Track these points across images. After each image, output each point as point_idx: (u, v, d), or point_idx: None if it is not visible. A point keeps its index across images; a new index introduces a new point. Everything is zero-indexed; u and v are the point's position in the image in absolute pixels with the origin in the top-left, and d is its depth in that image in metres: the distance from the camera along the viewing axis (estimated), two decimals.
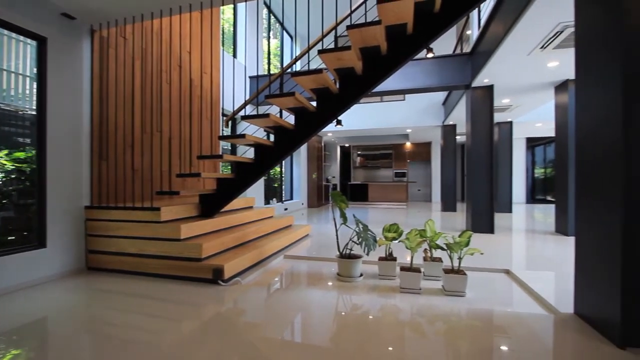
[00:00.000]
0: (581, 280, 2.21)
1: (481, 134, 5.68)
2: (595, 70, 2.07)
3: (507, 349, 1.91)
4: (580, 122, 2.24)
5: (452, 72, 5.80)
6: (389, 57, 2.76)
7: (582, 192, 2.21)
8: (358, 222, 3.13)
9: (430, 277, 3.05)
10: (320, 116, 3.03)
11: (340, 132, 11.16)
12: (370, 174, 14.18)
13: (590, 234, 2.11)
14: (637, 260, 1.81)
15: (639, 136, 1.81)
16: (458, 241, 2.71)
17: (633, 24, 1.81)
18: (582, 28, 2.21)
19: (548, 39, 3.87)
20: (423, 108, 9.64)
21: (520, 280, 2.99)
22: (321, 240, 5.15)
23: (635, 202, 1.81)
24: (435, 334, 2.08)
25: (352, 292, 2.82)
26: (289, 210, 9.54)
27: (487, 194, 5.61)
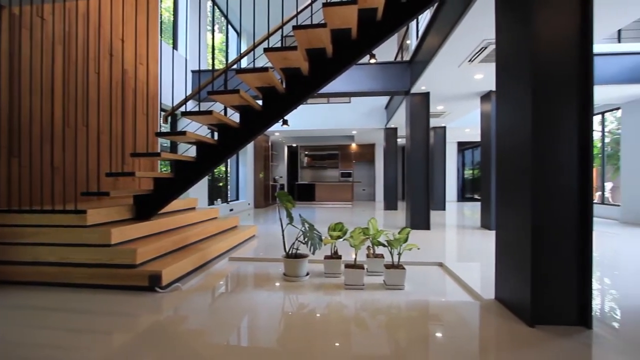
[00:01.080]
0: (500, 269, 2.50)
1: (419, 137, 6.11)
2: (511, 84, 2.35)
3: (441, 335, 2.09)
4: (499, 129, 2.53)
5: (393, 78, 6.15)
6: (334, 60, 2.83)
7: (501, 192, 2.50)
8: (304, 222, 3.16)
9: (373, 273, 3.20)
10: (266, 115, 3.00)
11: (287, 132, 11.14)
12: (317, 174, 14.38)
13: (507, 228, 2.40)
14: (542, 250, 2.10)
15: (544, 144, 2.10)
16: (398, 238, 2.88)
17: (541, 47, 2.10)
18: (501, 46, 2.50)
19: (475, 54, 4.31)
20: (367, 111, 10.05)
21: (452, 272, 3.28)
22: (268, 241, 5.09)
23: (541, 201, 2.10)
24: (377, 327, 2.19)
25: (298, 291, 2.83)
26: (235, 210, 9.26)
27: (424, 193, 6.05)
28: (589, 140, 2.07)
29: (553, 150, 2.10)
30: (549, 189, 2.10)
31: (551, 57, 2.10)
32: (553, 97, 2.10)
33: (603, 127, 8.06)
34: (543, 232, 2.10)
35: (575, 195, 2.10)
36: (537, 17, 2.10)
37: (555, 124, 2.10)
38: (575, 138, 2.09)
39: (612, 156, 7.94)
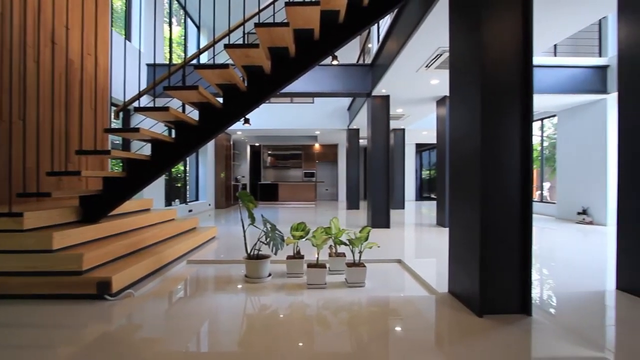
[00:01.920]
0: (453, 265, 2.66)
1: (379, 138, 6.30)
2: (463, 91, 2.51)
3: (400, 329, 2.17)
4: (452, 132, 2.69)
5: (355, 80, 6.28)
6: (297, 60, 2.84)
7: (453, 191, 2.66)
8: (266, 222, 3.12)
9: (335, 272, 3.24)
10: (227, 113, 2.92)
11: (250, 131, 10.94)
12: (280, 173, 14.27)
13: (459, 225, 2.55)
14: (489, 245, 2.26)
15: (491, 146, 2.27)
16: (359, 236, 2.96)
17: (488, 57, 2.27)
18: (454, 54, 2.66)
19: (431, 60, 4.53)
20: (330, 111, 10.17)
21: (409, 268, 3.42)
22: (229, 242, 4.96)
23: (488, 199, 2.26)
24: (339, 324, 2.23)
25: (260, 292, 2.80)
26: (194, 211, 8.91)
27: (384, 193, 6.25)
28: (530, 144, 2.27)
29: (499, 153, 2.28)
30: (495, 188, 2.28)
31: (497, 67, 2.27)
32: (499, 104, 2.28)
33: (542, 132, 8.88)
34: (490, 228, 2.27)
35: (518, 194, 2.29)
36: (485, 30, 2.26)
37: (501, 128, 2.28)
38: (517, 141, 2.28)
39: (550, 159, 8.77)
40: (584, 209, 6.86)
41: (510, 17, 2.28)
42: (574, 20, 3.54)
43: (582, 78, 6.26)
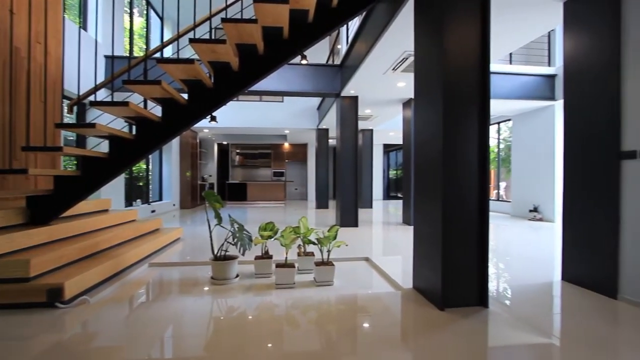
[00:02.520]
0: (417, 261, 2.76)
1: (348, 138, 6.39)
2: (427, 94, 2.61)
3: (367, 325, 2.22)
4: (416, 133, 2.79)
5: (324, 80, 6.32)
6: (266, 58, 2.80)
7: (418, 190, 2.76)
8: (233, 222, 3.06)
9: (303, 271, 3.25)
10: (192, 110, 2.82)
11: (217, 129, 10.65)
12: (249, 173, 14.03)
13: (423, 223, 2.66)
14: (450, 242, 2.38)
15: (452, 148, 2.39)
16: (327, 235, 2.98)
17: (450, 63, 2.38)
18: (418, 59, 2.75)
19: (397, 63, 4.67)
20: (300, 111, 10.15)
21: (377, 266, 3.51)
22: (195, 243, 4.80)
23: (449, 198, 2.38)
24: (308, 323, 2.23)
25: (227, 294, 2.74)
26: (158, 212, 8.52)
27: (353, 192, 6.35)
28: (487, 146, 2.42)
29: (459, 154, 2.40)
30: (455, 188, 2.39)
31: (458, 72, 2.39)
32: (460, 108, 2.40)
33: (499, 135, 9.46)
34: (451, 225, 2.38)
35: (476, 193, 2.42)
36: (446, 37, 2.37)
37: (461, 131, 2.40)
38: (476, 144, 2.42)
39: (506, 160, 9.37)
40: (535, 206, 7.39)
41: (470, 25, 2.40)
42: (526, 32, 3.80)
43: (533, 85, 6.74)
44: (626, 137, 2.52)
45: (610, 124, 2.62)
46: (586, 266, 2.81)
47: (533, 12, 3.32)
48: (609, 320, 2.26)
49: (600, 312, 2.38)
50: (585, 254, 2.82)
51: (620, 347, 1.94)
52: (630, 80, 2.50)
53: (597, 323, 2.21)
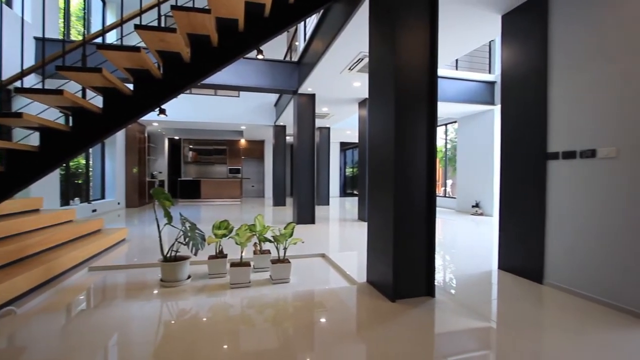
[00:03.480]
0: (371, 256, 2.86)
1: (305, 136, 6.41)
2: (380, 95, 2.71)
3: (324, 319, 2.25)
4: (370, 133, 2.88)
5: (282, 76, 6.26)
6: (220, 50, 2.70)
7: (371, 187, 2.86)
8: (185, 221, 2.93)
9: (259, 269, 3.21)
10: (138, 102, 2.63)
11: (168, 123, 10.06)
12: (203, 169, 13.45)
13: (376, 220, 2.76)
14: (401, 236, 2.50)
15: (403, 147, 2.51)
16: (283, 233, 2.97)
17: (401, 66, 2.49)
18: (372, 60, 2.84)
19: (353, 63, 4.77)
20: (256, 107, 9.95)
21: (332, 262, 3.57)
22: (143, 244, 4.51)
23: (400, 195, 2.49)
24: (264, 321, 2.21)
25: (179, 296, 2.61)
26: (100, 211, 7.85)
27: (310, 189, 6.39)
28: (434, 146, 2.57)
29: (409, 153, 2.53)
30: (405, 185, 2.52)
31: (409, 75, 2.51)
32: (410, 109, 2.52)
33: (446, 136, 10.11)
34: (402, 221, 2.50)
35: (424, 190, 2.57)
36: (398, 43, 2.48)
37: (411, 131, 2.53)
38: (424, 143, 2.56)
39: (452, 159, 10.04)
40: (476, 202, 8.02)
41: (420, 32, 2.53)
42: (470, 41, 4.09)
43: (476, 90, 7.29)
44: (551, 140, 2.83)
45: (538, 128, 2.92)
46: (518, 256, 3.12)
47: (476, 23, 3.58)
48: (536, 303, 2.54)
49: (529, 296, 2.66)
50: (518, 245, 3.12)
51: (545, 325, 2.19)
52: (554, 89, 2.81)
53: (527, 306, 2.47)
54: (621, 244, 2.31)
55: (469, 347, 1.89)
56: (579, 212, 2.59)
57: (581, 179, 2.58)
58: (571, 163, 2.65)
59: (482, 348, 1.91)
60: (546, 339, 1.99)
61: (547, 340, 1.97)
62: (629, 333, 2.02)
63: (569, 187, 2.68)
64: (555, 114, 2.79)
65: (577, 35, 2.62)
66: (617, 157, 2.34)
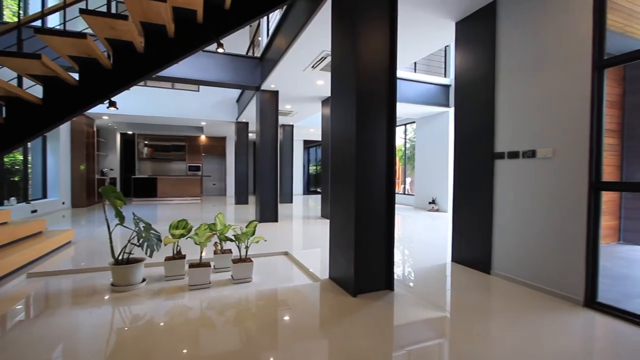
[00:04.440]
0: (333, 252, 2.90)
1: (268, 133, 6.33)
2: (342, 95, 2.75)
3: (287, 317, 2.25)
4: (332, 131, 2.92)
5: (244, 72, 6.12)
6: (177, 42, 2.58)
7: (334, 185, 2.90)
8: (138, 221, 2.77)
9: (220, 270, 3.12)
10: (85, 93, 2.44)
11: (120, 117, 9.41)
12: (160, 167, 12.77)
13: (338, 217, 2.81)
14: (362, 233, 2.56)
15: (363, 146, 2.57)
16: (245, 231, 2.92)
17: (362, 67, 2.54)
18: (335, 60, 2.87)
19: (316, 61, 4.79)
20: (217, 102, 9.63)
21: (296, 259, 3.58)
22: (91, 247, 4.19)
23: (361, 192, 2.56)
24: (226, 323, 2.16)
25: (132, 301, 2.47)
26: (41, 212, 7.15)
27: (273, 187, 6.33)
28: (393, 145, 2.66)
29: (370, 151, 2.59)
30: (366, 183, 2.59)
31: (370, 76, 2.58)
32: (370, 109, 2.59)
33: (405, 136, 10.51)
34: (362, 218, 2.57)
35: (384, 188, 2.66)
36: (360, 44, 2.53)
37: (372, 130, 2.60)
38: (384, 143, 2.64)
39: (411, 158, 10.47)
40: (433, 199, 8.45)
41: (380, 33, 2.61)
42: (427, 45, 4.28)
43: (433, 93, 7.66)
44: (498, 141, 3.05)
45: (487, 130, 3.13)
46: (469, 249, 3.34)
47: (432, 29, 3.75)
48: (485, 292, 2.74)
49: (478, 286, 2.86)
50: (468, 239, 3.34)
51: (492, 312, 2.37)
52: (500, 94, 3.03)
53: (476, 295, 2.65)
54: (555, 235, 2.56)
55: (426, 336, 2.00)
56: (521, 207, 2.83)
57: (523, 176, 2.82)
58: (515, 162, 2.89)
59: (438, 337, 2.02)
60: (493, 323, 2.16)
61: (494, 325, 2.14)
62: (562, 315, 2.25)
63: (513, 184, 2.91)
64: (502, 117, 3.02)
65: (519, 44, 2.84)
66: (553, 156, 2.58)
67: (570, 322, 2.16)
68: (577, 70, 2.41)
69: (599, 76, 2.31)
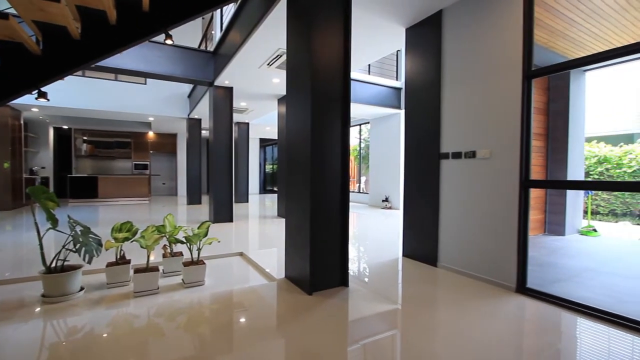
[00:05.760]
0: (289, 251, 2.90)
1: (222, 130, 6.13)
2: (297, 94, 2.75)
3: (243, 318, 2.20)
4: (288, 129, 2.91)
5: (196, 66, 5.85)
6: (120, 30, 2.39)
7: (289, 184, 2.89)
8: (74, 225, 2.52)
9: (170, 274, 2.97)
10: (8, 82, 2.17)
11: (54, 110, 8.49)
12: (102, 165, 11.74)
13: (294, 216, 2.81)
14: (317, 231, 2.59)
15: (319, 145, 2.60)
16: (197, 232, 2.80)
17: (317, 67, 2.56)
18: (290, 58, 2.87)
19: (272, 59, 4.73)
20: (167, 97, 9.11)
21: (251, 260, 3.51)
22: (18, 255, 3.73)
23: (316, 190, 2.59)
24: (177, 329, 2.06)
25: (67, 313, 2.25)
26: None
27: (228, 186, 6.15)
28: (347, 145, 2.72)
29: (325, 151, 2.63)
30: (321, 181, 2.62)
31: (324, 76, 2.61)
32: (325, 109, 2.62)
33: (360, 136, 10.81)
34: (317, 215, 2.60)
35: (339, 186, 2.71)
36: (314, 42, 2.55)
37: (327, 130, 2.64)
38: (339, 141, 2.70)
39: (365, 157, 10.80)
40: (386, 197, 8.80)
41: (334, 34, 2.65)
42: (379, 48, 4.44)
43: (386, 95, 7.97)
44: (443, 142, 3.27)
45: (434, 132, 3.34)
46: (418, 244, 3.53)
47: (384, 33, 3.90)
48: (432, 284, 2.92)
49: (427, 278, 3.04)
50: (417, 234, 3.53)
51: (439, 301, 2.53)
52: (445, 98, 3.24)
53: (425, 287, 2.82)
54: (492, 229, 2.81)
55: (380, 329, 2.08)
56: (463, 203, 3.06)
57: (465, 175, 3.05)
58: (458, 162, 3.11)
59: (391, 328, 2.11)
60: (439, 312, 2.31)
61: (440, 314, 2.29)
62: (499, 301, 2.48)
63: (456, 183, 3.13)
64: (447, 120, 3.23)
65: (461, 53, 3.07)
66: (490, 157, 2.83)
67: (505, 306, 2.39)
68: (510, 80, 2.66)
69: (528, 85, 2.58)
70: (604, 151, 6.24)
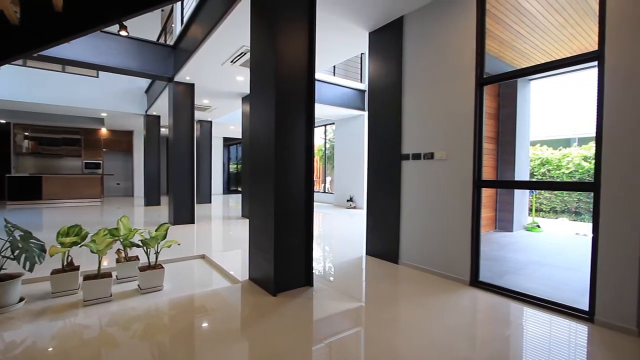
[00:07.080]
0: (253, 253, 2.86)
1: (183, 129, 5.89)
2: (261, 93, 2.72)
3: (206, 323, 2.13)
4: (251, 129, 2.87)
5: (154, 60, 5.56)
6: (66, 18, 2.21)
7: (253, 184, 2.85)
8: (12, 229, 2.30)
9: (125, 279, 2.80)
10: None
11: None
12: (47, 163, 10.75)
13: (257, 216, 2.77)
14: (281, 232, 2.58)
15: (283, 145, 2.59)
16: (154, 235, 2.67)
17: (282, 67, 2.55)
18: (254, 57, 2.82)
19: (235, 56, 4.63)
20: (122, 92, 8.57)
21: (214, 262, 3.41)
22: None
23: (280, 191, 2.57)
24: (132, 338, 1.94)
25: (3, 327, 2.04)
26: None
27: (189, 186, 5.91)
28: (312, 145, 2.74)
29: (289, 151, 2.62)
30: (286, 182, 2.61)
31: (289, 76, 2.60)
32: (289, 109, 2.62)
33: (325, 136, 10.91)
34: (282, 216, 2.59)
35: (303, 187, 2.72)
36: (279, 41, 2.53)
37: (291, 129, 2.63)
38: (303, 141, 2.70)
39: (331, 158, 10.91)
40: (351, 197, 8.96)
41: (299, 33, 2.65)
42: (343, 51, 4.51)
43: (350, 96, 8.11)
44: (404, 144, 3.39)
45: (395, 133, 3.46)
46: (380, 242, 3.64)
47: (348, 36, 3.97)
48: (394, 280, 3.02)
49: (389, 275, 3.14)
50: (380, 233, 3.64)
51: (400, 297, 2.62)
52: (406, 102, 3.37)
53: (387, 284, 2.91)
54: (448, 226, 2.97)
55: (344, 327, 2.11)
56: (422, 202, 3.20)
57: (424, 176, 3.19)
58: (418, 163, 3.25)
59: (355, 325, 2.16)
60: (401, 307, 2.40)
61: (402, 309, 2.38)
62: (454, 295, 2.62)
63: (416, 183, 3.27)
64: (407, 122, 3.36)
65: (420, 59, 3.21)
66: (447, 158, 2.99)
67: (460, 299, 2.53)
68: (464, 86, 2.83)
69: (481, 91, 2.76)
70: (546, 154, 6.84)
